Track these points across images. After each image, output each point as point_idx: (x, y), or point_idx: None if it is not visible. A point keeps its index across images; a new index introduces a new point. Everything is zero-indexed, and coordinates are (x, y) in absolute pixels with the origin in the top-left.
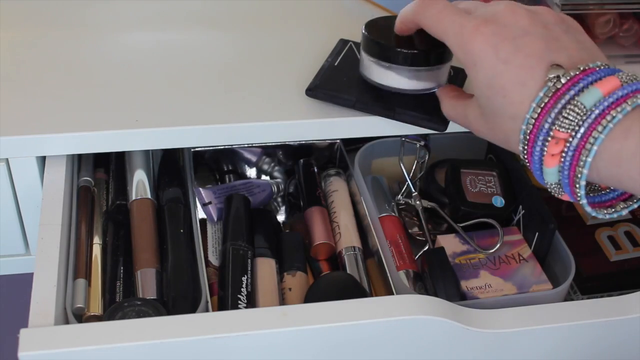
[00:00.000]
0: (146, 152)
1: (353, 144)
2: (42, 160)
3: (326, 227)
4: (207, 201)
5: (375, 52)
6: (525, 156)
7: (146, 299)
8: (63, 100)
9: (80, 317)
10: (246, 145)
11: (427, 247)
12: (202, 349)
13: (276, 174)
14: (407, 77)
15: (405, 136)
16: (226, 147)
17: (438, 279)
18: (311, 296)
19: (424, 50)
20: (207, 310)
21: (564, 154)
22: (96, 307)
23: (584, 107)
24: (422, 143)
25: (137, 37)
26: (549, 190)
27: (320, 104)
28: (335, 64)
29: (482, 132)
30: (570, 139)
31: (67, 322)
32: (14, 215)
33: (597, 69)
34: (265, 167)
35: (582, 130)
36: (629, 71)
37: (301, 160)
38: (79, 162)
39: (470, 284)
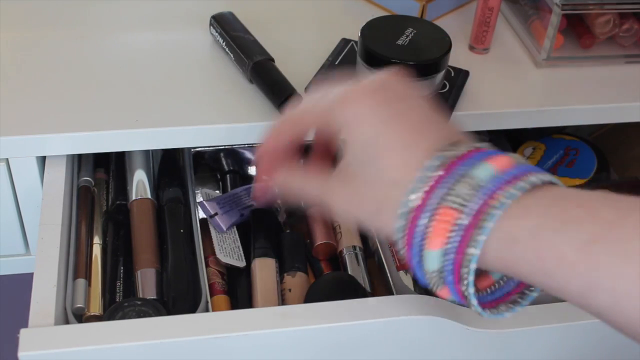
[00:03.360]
0: (146, 152)
1: None
2: (42, 160)
3: (327, 227)
4: (212, 213)
5: (369, 60)
6: (403, 234)
7: (146, 299)
8: (63, 100)
9: (80, 317)
10: (246, 145)
11: None
12: (202, 349)
13: None
14: None
15: None
16: (226, 147)
17: None
18: (311, 296)
19: (418, 61)
20: (207, 310)
21: (451, 233)
22: (96, 307)
23: (478, 180)
24: None
25: (137, 37)
26: (426, 283)
27: None
28: (336, 63)
29: (343, 206)
30: (461, 216)
31: (67, 322)
32: (14, 215)
33: (485, 149)
34: None
35: (474, 205)
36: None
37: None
38: (79, 162)
39: None
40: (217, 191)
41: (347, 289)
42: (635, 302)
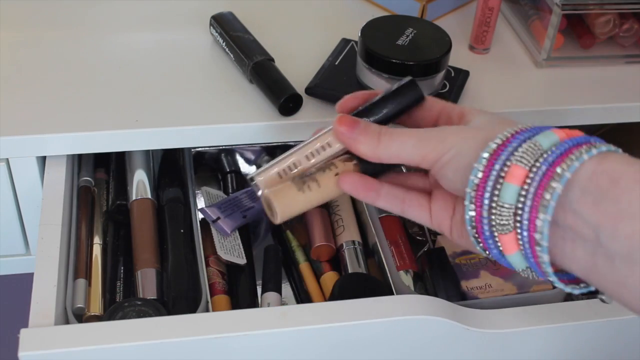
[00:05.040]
0: (146, 152)
1: None
2: (42, 160)
3: (326, 228)
4: (214, 218)
5: (369, 60)
6: (475, 188)
7: (146, 299)
8: (63, 100)
9: (80, 317)
10: (246, 145)
11: (427, 247)
12: (202, 349)
13: None
14: None
15: None
16: (226, 147)
17: (438, 279)
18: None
19: (418, 61)
20: (207, 310)
21: (537, 162)
22: (96, 307)
23: (541, 146)
24: None
25: (137, 37)
26: (489, 218)
27: (320, 103)
28: (336, 63)
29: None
30: (532, 174)
31: (67, 322)
32: (14, 215)
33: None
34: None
35: (561, 148)
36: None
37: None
38: (79, 162)
39: (470, 284)
40: (220, 192)
41: (371, 290)
42: None
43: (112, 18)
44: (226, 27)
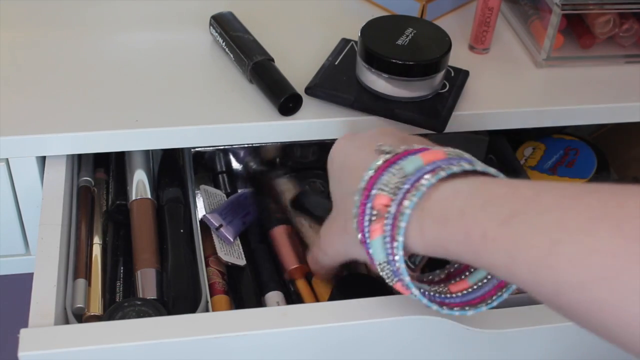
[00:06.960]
0: (146, 152)
1: None
2: (42, 160)
3: (295, 247)
4: (217, 225)
5: (369, 60)
6: (359, 232)
7: (146, 299)
8: (63, 100)
9: (80, 317)
10: (246, 145)
11: None
12: (202, 349)
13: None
14: (400, 86)
15: None
16: (226, 147)
17: None
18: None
19: (418, 61)
20: (207, 310)
21: (385, 221)
22: (96, 307)
23: (405, 172)
24: None
25: (137, 37)
26: (386, 279)
27: (320, 103)
28: (336, 63)
29: (327, 240)
30: (391, 204)
31: (67, 322)
32: (14, 215)
33: (423, 148)
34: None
35: (400, 194)
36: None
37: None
38: (79, 162)
39: None
40: (219, 190)
41: (371, 290)
42: (549, 272)
43: (112, 18)
44: (226, 27)
